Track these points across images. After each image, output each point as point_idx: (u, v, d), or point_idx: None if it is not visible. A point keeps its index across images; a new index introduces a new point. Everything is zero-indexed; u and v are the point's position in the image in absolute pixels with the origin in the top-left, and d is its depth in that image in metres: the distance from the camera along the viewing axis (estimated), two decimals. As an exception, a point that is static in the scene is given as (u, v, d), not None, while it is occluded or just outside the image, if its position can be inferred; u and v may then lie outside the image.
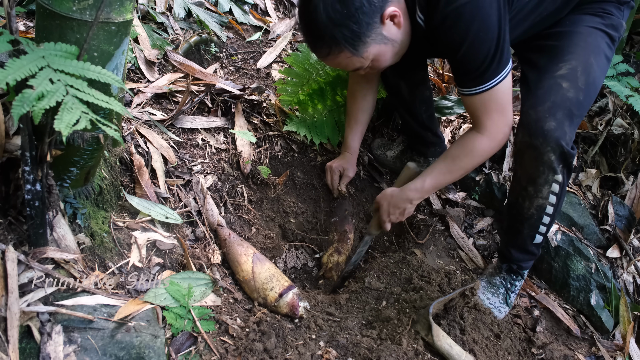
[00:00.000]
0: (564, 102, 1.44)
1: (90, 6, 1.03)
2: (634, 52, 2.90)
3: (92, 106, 1.00)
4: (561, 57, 1.52)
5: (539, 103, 1.46)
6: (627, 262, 2.07)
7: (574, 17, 1.59)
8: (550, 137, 1.42)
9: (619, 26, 1.60)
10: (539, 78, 1.52)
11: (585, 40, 1.53)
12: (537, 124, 1.44)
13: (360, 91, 1.90)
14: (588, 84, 1.48)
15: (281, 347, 1.35)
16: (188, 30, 2.44)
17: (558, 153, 1.44)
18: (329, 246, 1.98)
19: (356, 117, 1.95)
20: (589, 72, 1.48)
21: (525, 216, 1.61)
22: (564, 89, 1.45)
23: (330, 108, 2.18)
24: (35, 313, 1.11)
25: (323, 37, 1.34)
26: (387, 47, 1.41)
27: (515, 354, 1.59)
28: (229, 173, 1.88)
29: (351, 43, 1.34)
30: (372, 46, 1.37)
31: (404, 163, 2.18)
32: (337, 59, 1.40)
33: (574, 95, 1.45)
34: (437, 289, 1.67)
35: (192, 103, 1.98)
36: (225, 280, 1.55)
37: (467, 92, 1.44)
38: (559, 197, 1.55)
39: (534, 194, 1.55)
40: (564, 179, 1.52)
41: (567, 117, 1.43)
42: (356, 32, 1.32)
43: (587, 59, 1.50)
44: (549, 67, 1.52)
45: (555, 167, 1.47)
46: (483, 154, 1.53)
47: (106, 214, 1.45)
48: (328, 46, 1.36)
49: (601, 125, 2.49)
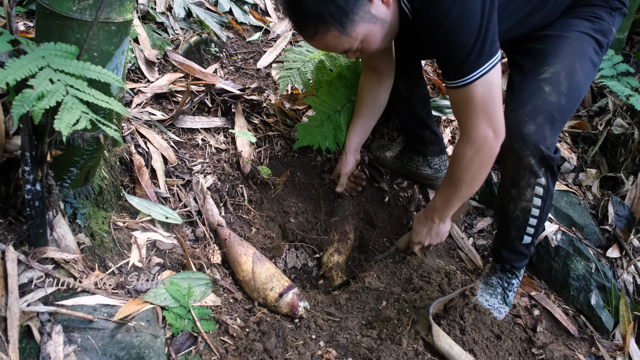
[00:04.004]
0: (545, 106, 1.43)
1: (90, 6, 1.03)
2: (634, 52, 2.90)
3: (92, 106, 1.00)
4: (546, 60, 1.52)
5: (520, 106, 1.45)
6: (627, 262, 2.07)
7: (563, 21, 1.58)
8: (529, 140, 1.42)
9: (608, 32, 1.59)
10: (523, 81, 1.52)
11: (571, 45, 1.52)
12: (517, 127, 1.43)
13: (367, 84, 1.87)
14: (571, 88, 1.47)
15: (281, 347, 1.35)
16: (188, 30, 2.44)
17: (538, 157, 1.44)
18: (329, 246, 1.98)
19: (358, 110, 1.93)
20: (573, 76, 1.48)
21: (511, 218, 1.62)
22: (545, 92, 1.45)
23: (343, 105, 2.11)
24: (35, 313, 1.11)
25: (308, 15, 1.28)
26: (377, 27, 1.35)
27: (516, 354, 1.59)
28: (229, 173, 1.88)
29: (338, 20, 1.28)
30: (361, 25, 1.32)
31: (403, 163, 2.18)
32: (324, 38, 1.33)
33: (555, 100, 1.44)
34: (437, 289, 1.67)
35: (192, 103, 1.98)
36: (225, 280, 1.55)
37: (451, 85, 1.37)
38: (544, 199, 1.54)
39: (517, 196, 1.55)
40: (549, 182, 1.51)
41: (547, 121, 1.42)
42: (343, 7, 1.25)
43: (571, 63, 1.49)
44: (533, 70, 1.52)
45: (537, 170, 1.47)
46: (472, 163, 1.42)
47: (106, 214, 1.45)
48: (314, 25, 1.29)
49: (601, 125, 2.49)
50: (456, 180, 1.51)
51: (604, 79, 2.18)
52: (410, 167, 2.16)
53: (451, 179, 1.54)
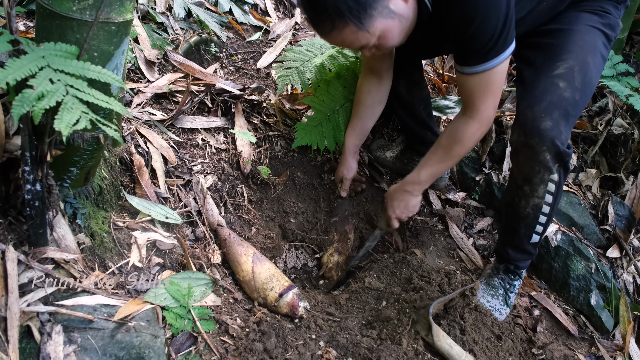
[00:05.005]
0: (561, 102, 1.44)
1: (90, 6, 1.03)
2: (634, 52, 2.90)
3: (92, 106, 1.00)
4: (558, 56, 1.52)
5: (536, 102, 1.46)
6: (627, 262, 2.07)
7: (572, 15, 1.58)
8: (546, 136, 1.43)
9: (615, 25, 1.60)
10: (536, 77, 1.52)
11: (583, 39, 1.52)
12: (533, 123, 1.44)
13: (366, 86, 1.86)
14: (584, 83, 1.48)
15: (281, 347, 1.35)
16: (188, 30, 2.44)
17: (554, 153, 1.45)
18: (329, 246, 1.98)
19: (356, 111, 1.92)
20: (586, 71, 1.48)
21: (521, 215, 1.61)
22: (560, 88, 1.45)
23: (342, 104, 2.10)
24: (35, 313, 1.11)
25: (326, 10, 1.26)
26: (395, 23, 1.33)
27: (516, 354, 1.59)
28: (229, 173, 1.88)
29: (356, 15, 1.26)
30: (379, 20, 1.29)
31: (403, 163, 2.18)
32: (341, 34, 1.30)
33: (570, 95, 1.45)
34: (437, 289, 1.67)
35: (192, 103, 1.98)
36: (225, 280, 1.55)
37: (469, 71, 1.41)
38: (555, 196, 1.55)
39: (530, 193, 1.55)
40: (561, 178, 1.52)
41: (563, 116, 1.43)
42: (361, 2, 1.23)
43: (584, 58, 1.49)
44: (546, 65, 1.52)
45: (551, 166, 1.48)
46: (473, 138, 1.54)
47: (106, 214, 1.45)
48: (332, 20, 1.26)
49: (601, 125, 2.49)
50: (453, 155, 1.59)
51: (604, 79, 2.18)
52: (411, 168, 2.14)
53: (447, 154, 1.60)
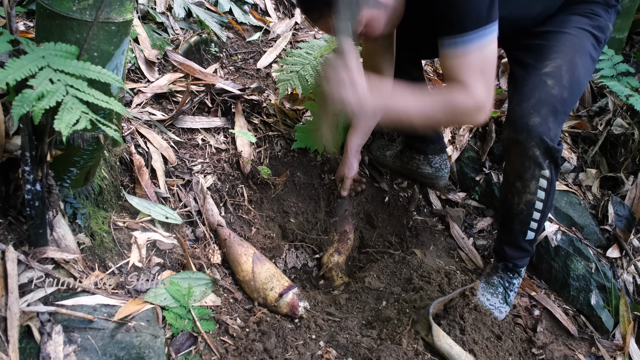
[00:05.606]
0: (549, 99, 1.47)
1: (90, 6, 1.03)
2: (634, 52, 2.90)
3: (92, 106, 1.00)
4: (547, 55, 1.55)
5: (524, 99, 1.49)
6: (627, 262, 2.07)
7: (562, 18, 1.62)
8: (534, 132, 1.45)
9: (605, 28, 1.63)
10: (525, 75, 1.55)
11: (571, 41, 1.56)
12: (522, 119, 1.46)
13: None
14: (572, 82, 1.50)
15: (281, 347, 1.35)
16: (188, 30, 2.44)
17: (543, 148, 1.47)
18: (329, 246, 1.98)
19: None
20: (574, 70, 1.51)
21: (515, 212, 1.64)
22: (548, 86, 1.48)
23: None
24: (35, 313, 1.11)
25: None
26: (380, 13, 1.38)
27: (516, 354, 1.59)
28: (229, 173, 1.88)
29: None
30: (365, 10, 1.35)
31: (403, 162, 2.18)
32: (328, 22, 1.37)
33: (558, 93, 1.48)
34: (437, 289, 1.67)
35: (192, 103, 1.98)
36: (225, 280, 1.55)
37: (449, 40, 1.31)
38: (547, 192, 1.57)
39: (522, 189, 1.58)
40: (552, 174, 1.54)
41: (551, 113, 1.46)
42: None
43: (572, 58, 1.52)
44: (535, 64, 1.55)
45: (541, 162, 1.50)
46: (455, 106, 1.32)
47: (106, 214, 1.45)
48: (319, 8, 1.34)
49: (601, 125, 2.49)
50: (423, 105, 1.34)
51: (604, 79, 2.18)
52: (411, 166, 2.16)
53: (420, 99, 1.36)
